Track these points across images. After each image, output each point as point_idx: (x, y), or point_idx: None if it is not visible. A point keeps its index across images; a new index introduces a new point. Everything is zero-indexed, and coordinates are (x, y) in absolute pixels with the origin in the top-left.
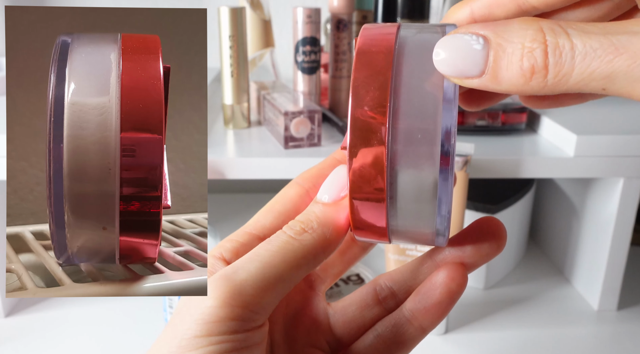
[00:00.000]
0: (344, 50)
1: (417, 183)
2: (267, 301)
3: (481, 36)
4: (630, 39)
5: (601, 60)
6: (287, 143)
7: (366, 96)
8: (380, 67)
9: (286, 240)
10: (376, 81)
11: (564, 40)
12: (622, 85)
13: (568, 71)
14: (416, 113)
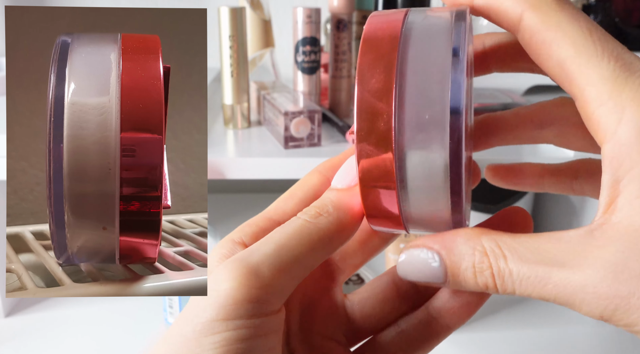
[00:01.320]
0: (344, 50)
1: (428, 166)
2: (284, 283)
3: (436, 253)
4: (556, 273)
5: (533, 287)
6: (287, 143)
7: (371, 79)
8: (386, 50)
9: (301, 223)
10: (381, 64)
11: (503, 265)
12: (556, 302)
13: (512, 290)
14: (423, 95)
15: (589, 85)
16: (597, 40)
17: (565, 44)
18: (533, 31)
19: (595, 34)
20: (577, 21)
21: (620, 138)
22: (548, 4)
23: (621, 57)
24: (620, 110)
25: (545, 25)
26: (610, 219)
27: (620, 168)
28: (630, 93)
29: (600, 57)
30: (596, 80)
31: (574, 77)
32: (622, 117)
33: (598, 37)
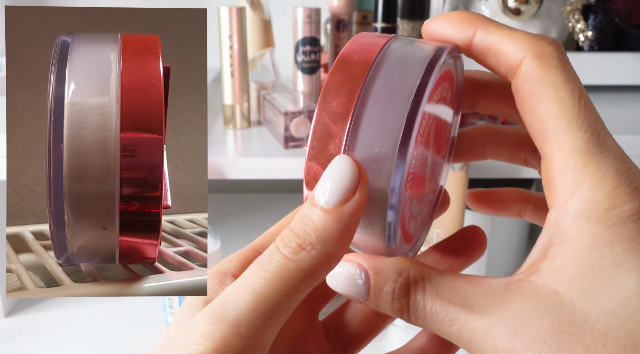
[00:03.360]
0: None
1: (369, 198)
2: (265, 335)
3: (363, 271)
4: (464, 315)
5: (441, 324)
6: (287, 143)
7: (333, 101)
8: (354, 75)
9: (281, 262)
10: (346, 89)
11: (420, 298)
12: (458, 344)
13: (422, 324)
14: (377, 128)
15: (559, 149)
16: (583, 109)
17: (552, 102)
18: (528, 79)
19: (583, 102)
20: (571, 83)
21: (566, 210)
22: (550, 56)
23: (597, 132)
24: (578, 183)
25: (541, 78)
26: (529, 277)
27: (555, 236)
28: (593, 169)
29: (579, 126)
30: (567, 147)
31: (548, 137)
32: (577, 191)
33: (584, 105)
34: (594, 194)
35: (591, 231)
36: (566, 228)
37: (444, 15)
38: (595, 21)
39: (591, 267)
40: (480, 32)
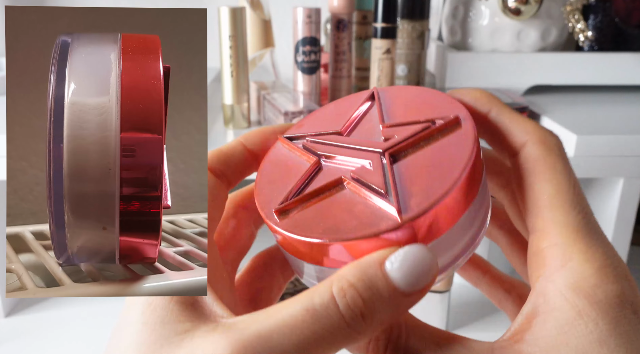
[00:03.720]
0: (344, 50)
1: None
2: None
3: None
4: None
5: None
6: None
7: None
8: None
9: (338, 324)
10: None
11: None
12: None
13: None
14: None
15: (552, 223)
16: (576, 195)
17: (550, 182)
18: (529, 159)
19: (577, 189)
20: (568, 170)
21: (554, 280)
22: (552, 144)
23: (588, 217)
24: (568, 257)
25: (542, 160)
26: (513, 346)
27: (541, 305)
28: (583, 247)
29: (573, 207)
30: (561, 223)
31: (543, 212)
32: (566, 264)
33: (578, 191)
34: (583, 269)
35: (577, 304)
36: (553, 297)
37: (468, 90)
38: (595, 21)
39: (576, 342)
40: (495, 111)
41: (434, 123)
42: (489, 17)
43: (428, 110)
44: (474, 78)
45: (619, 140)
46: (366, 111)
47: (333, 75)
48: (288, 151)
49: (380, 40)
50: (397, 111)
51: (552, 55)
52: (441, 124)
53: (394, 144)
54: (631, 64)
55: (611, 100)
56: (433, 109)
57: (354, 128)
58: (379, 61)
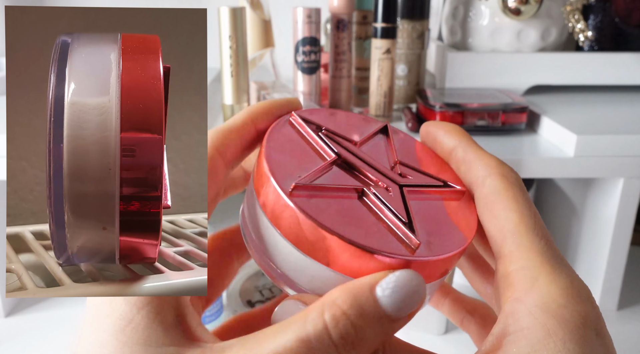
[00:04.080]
0: (344, 50)
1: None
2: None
3: (302, 303)
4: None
5: None
6: None
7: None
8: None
9: (329, 351)
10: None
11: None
12: None
13: None
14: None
15: (519, 247)
16: (538, 223)
17: (514, 212)
18: (493, 191)
19: (538, 218)
20: (528, 202)
21: (523, 301)
22: (513, 179)
23: (551, 243)
24: (536, 278)
25: (505, 192)
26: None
27: (511, 325)
28: (549, 269)
29: (536, 234)
30: (527, 248)
31: (508, 238)
32: (534, 285)
33: (539, 221)
34: (550, 290)
35: (546, 323)
36: (522, 317)
37: (440, 123)
38: (595, 21)
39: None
40: (463, 145)
41: (448, 186)
42: (489, 17)
43: (434, 167)
44: (474, 78)
45: (619, 140)
46: (378, 139)
47: (333, 75)
48: (303, 132)
49: (380, 40)
50: (408, 156)
51: (552, 55)
52: (452, 189)
53: (412, 184)
54: (631, 64)
55: (611, 100)
56: (438, 169)
57: (367, 147)
58: (379, 61)
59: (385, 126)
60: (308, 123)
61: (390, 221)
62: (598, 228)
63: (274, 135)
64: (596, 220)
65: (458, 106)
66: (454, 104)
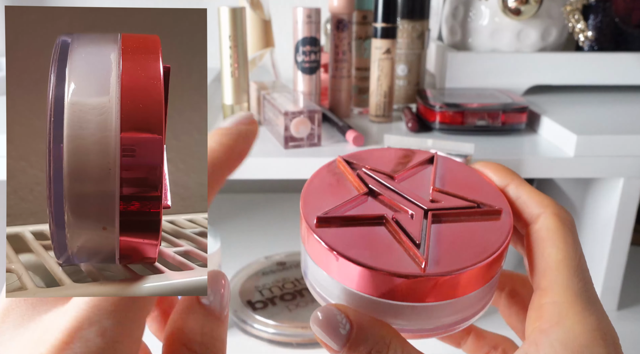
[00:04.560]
0: (344, 50)
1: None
2: None
3: (349, 323)
4: None
5: None
6: (287, 143)
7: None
8: None
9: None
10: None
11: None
12: None
13: None
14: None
15: (556, 283)
16: (581, 265)
17: (560, 250)
18: (543, 228)
19: (582, 261)
20: (577, 243)
21: (548, 333)
22: (565, 219)
23: (589, 286)
24: (564, 315)
25: (555, 230)
26: None
27: (530, 353)
28: (579, 309)
29: (576, 274)
30: (563, 285)
31: (549, 273)
32: (561, 321)
33: (583, 263)
34: (574, 328)
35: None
36: (543, 348)
37: (491, 164)
38: (595, 21)
39: None
40: (514, 184)
41: (480, 206)
42: (489, 17)
43: (478, 192)
44: (474, 78)
45: (619, 140)
46: (422, 169)
47: (333, 75)
48: (342, 172)
49: (380, 40)
50: (449, 181)
51: (552, 55)
52: (485, 209)
53: (440, 208)
54: (631, 64)
55: (611, 100)
56: (482, 193)
57: (407, 178)
58: (379, 61)
59: (432, 157)
60: (350, 164)
61: (405, 243)
62: (598, 228)
63: (317, 176)
64: (596, 220)
65: (458, 106)
66: (454, 104)
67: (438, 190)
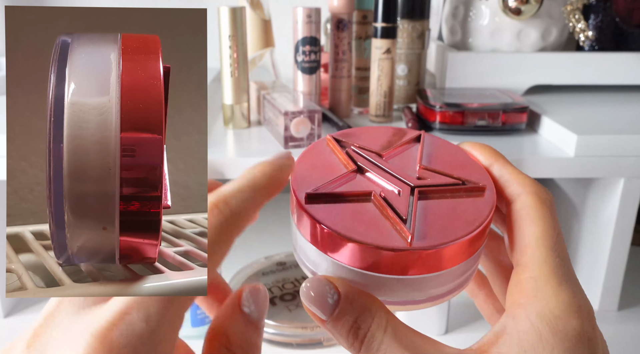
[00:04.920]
0: (344, 50)
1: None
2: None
3: (337, 293)
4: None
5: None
6: (287, 143)
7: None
8: None
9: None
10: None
11: (380, 335)
12: None
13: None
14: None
15: (534, 259)
16: (558, 242)
17: (538, 227)
18: (524, 206)
19: (560, 238)
20: (554, 221)
21: (524, 306)
22: (544, 198)
23: (566, 262)
24: (540, 289)
25: (534, 208)
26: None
27: (509, 326)
28: (555, 284)
29: (553, 250)
30: (541, 261)
31: (528, 250)
32: (537, 294)
33: (560, 240)
34: (551, 301)
35: (539, 329)
36: (521, 321)
37: (477, 144)
38: (596, 21)
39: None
40: (498, 164)
41: (464, 183)
42: (489, 17)
43: (463, 169)
44: (474, 78)
45: (619, 140)
46: (410, 147)
47: (333, 75)
48: (331, 150)
49: (380, 40)
50: (436, 159)
51: (552, 55)
52: (470, 186)
53: (425, 185)
54: (631, 64)
55: (611, 100)
56: (467, 171)
57: (394, 156)
58: (379, 61)
59: (419, 135)
60: (339, 142)
61: (392, 219)
62: (598, 228)
63: (307, 154)
64: (596, 220)
65: (458, 106)
66: (454, 104)
67: (424, 167)
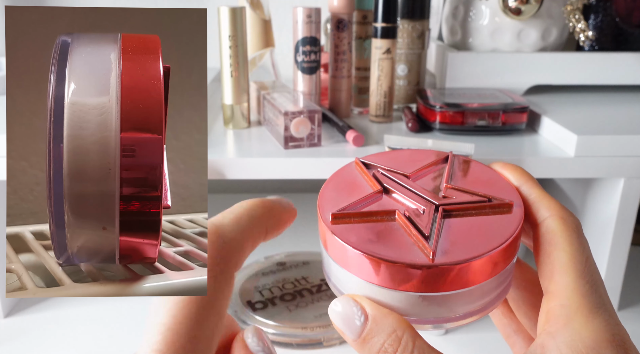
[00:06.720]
0: (344, 50)
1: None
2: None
3: (364, 314)
4: None
5: None
6: (287, 143)
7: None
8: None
9: None
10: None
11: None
12: None
13: None
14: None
15: (563, 286)
16: (588, 267)
17: (565, 253)
18: (550, 231)
19: (590, 262)
20: (583, 245)
21: (554, 336)
22: (572, 223)
23: (597, 287)
24: (571, 318)
25: (561, 233)
26: None
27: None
28: (586, 312)
29: (582, 276)
30: (570, 288)
31: (556, 277)
32: (568, 324)
33: (590, 265)
34: (582, 331)
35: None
36: (549, 350)
37: (507, 164)
38: (596, 21)
39: None
40: (527, 186)
41: (490, 201)
42: (489, 17)
43: (491, 188)
44: (474, 78)
45: (619, 140)
46: (437, 168)
47: (333, 75)
48: (359, 173)
49: (380, 40)
50: (463, 179)
51: (552, 55)
52: (496, 203)
53: (450, 203)
54: (632, 64)
55: (611, 100)
56: (495, 189)
57: (421, 177)
58: (379, 61)
59: (447, 156)
60: (367, 165)
61: (415, 236)
62: (598, 228)
63: (334, 177)
64: (597, 220)
65: (458, 106)
66: (454, 104)
67: (451, 187)
